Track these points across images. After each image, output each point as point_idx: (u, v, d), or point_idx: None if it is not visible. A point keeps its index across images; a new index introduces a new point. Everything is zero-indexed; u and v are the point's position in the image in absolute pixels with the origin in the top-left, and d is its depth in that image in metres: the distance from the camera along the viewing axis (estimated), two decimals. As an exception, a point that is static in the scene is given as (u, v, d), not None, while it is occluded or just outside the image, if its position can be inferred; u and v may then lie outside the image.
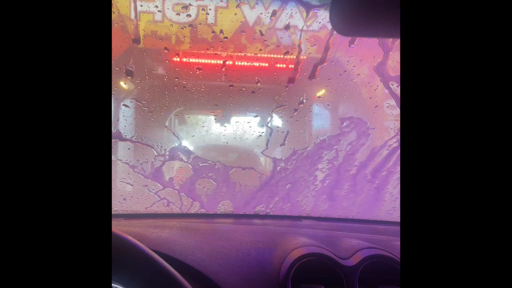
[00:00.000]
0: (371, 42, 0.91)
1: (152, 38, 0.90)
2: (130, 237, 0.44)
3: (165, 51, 0.89)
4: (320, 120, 1.00)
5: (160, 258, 0.44)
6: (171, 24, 0.90)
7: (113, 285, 0.42)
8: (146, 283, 0.42)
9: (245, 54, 0.90)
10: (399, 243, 0.72)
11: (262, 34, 0.88)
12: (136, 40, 0.83)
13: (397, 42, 0.91)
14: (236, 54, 0.91)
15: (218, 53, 0.90)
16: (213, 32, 0.87)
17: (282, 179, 1.02)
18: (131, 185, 0.97)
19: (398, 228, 0.88)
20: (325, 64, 0.89)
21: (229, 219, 0.93)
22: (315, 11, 0.85)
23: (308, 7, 0.85)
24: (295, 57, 0.91)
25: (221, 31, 0.87)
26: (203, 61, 0.91)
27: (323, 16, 0.86)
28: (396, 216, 0.95)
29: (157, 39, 0.91)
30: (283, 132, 1.00)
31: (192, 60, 0.92)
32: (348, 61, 0.91)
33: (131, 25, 0.87)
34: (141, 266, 0.42)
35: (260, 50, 0.90)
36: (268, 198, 1.01)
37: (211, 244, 0.68)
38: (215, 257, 0.64)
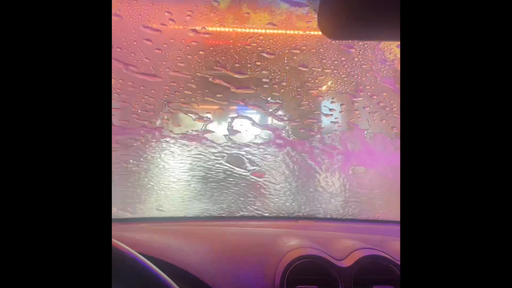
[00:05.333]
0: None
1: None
2: (122, 245, 0.43)
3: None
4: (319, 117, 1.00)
5: (153, 265, 0.44)
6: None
7: None
8: None
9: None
10: (394, 242, 0.73)
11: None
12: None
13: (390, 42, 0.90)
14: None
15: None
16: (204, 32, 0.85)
17: (279, 178, 1.01)
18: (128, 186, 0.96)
19: (393, 227, 0.89)
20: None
21: (223, 222, 0.93)
22: (303, 11, 0.84)
23: (298, 5, 0.84)
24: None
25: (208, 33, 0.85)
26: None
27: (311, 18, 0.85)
28: (392, 215, 0.96)
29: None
30: (280, 128, 0.99)
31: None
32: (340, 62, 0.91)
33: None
34: (134, 275, 0.42)
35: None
36: (263, 199, 1.00)
37: (205, 247, 0.68)
38: (209, 261, 0.64)
